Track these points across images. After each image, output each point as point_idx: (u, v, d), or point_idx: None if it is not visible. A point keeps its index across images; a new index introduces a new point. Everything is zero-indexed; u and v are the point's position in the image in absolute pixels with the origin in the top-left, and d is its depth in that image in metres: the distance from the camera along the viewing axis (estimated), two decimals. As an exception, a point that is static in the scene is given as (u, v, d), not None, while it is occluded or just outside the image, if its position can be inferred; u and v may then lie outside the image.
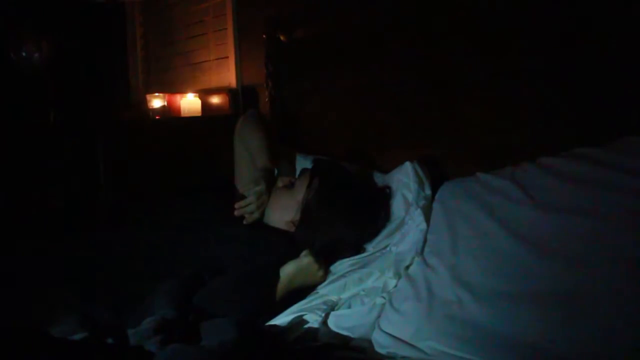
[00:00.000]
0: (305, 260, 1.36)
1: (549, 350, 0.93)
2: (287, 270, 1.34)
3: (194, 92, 2.52)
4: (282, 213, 1.50)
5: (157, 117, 2.50)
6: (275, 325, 1.22)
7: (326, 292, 1.31)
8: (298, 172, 1.65)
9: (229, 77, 2.48)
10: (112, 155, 2.00)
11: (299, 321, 1.23)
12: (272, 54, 2.13)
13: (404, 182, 1.50)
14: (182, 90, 2.66)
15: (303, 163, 1.74)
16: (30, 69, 2.51)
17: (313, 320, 1.23)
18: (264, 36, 2.13)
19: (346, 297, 1.29)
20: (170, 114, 2.55)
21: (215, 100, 2.52)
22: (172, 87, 2.82)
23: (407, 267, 1.26)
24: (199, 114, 2.47)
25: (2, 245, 1.43)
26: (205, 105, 2.52)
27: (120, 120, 2.67)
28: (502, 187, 1.24)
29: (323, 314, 1.23)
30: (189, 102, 2.48)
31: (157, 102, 2.53)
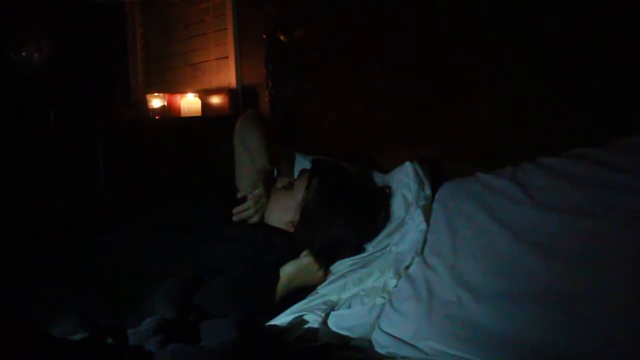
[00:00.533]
0: (305, 260, 1.36)
1: (549, 350, 0.93)
2: (287, 270, 1.34)
3: (194, 92, 2.52)
4: (282, 214, 1.50)
5: (157, 117, 2.50)
6: (275, 325, 1.22)
7: (326, 292, 1.31)
8: (297, 172, 1.65)
9: (229, 77, 2.48)
10: (112, 155, 2.00)
11: (299, 321, 1.23)
12: (272, 54, 2.13)
13: (404, 182, 1.50)
14: (182, 90, 2.66)
15: (303, 163, 1.73)
16: (30, 69, 2.52)
17: (313, 320, 1.23)
18: (264, 36, 2.13)
19: (346, 297, 1.29)
20: (170, 114, 2.55)
21: (215, 100, 2.52)
22: (172, 87, 2.82)
23: (407, 267, 1.26)
24: (199, 114, 2.47)
25: (2, 246, 1.43)
26: (205, 106, 2.52)
27: (120, 120, 2.68)
28: (502, 187, 1.24)
29: (323, 314, 1.23)
30: (189, 102, 2.48)
31: (157, 102, 2.53)
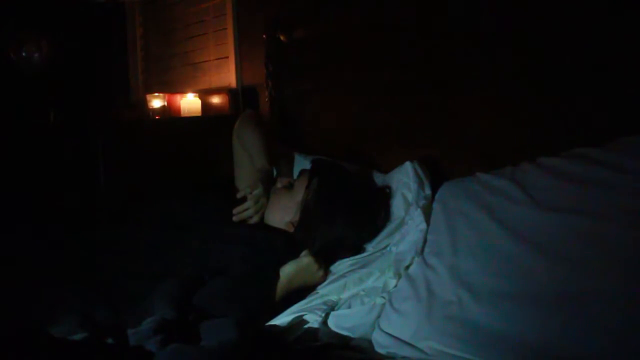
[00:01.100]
0: (305, 260, 1.36)
1: (549, 350, 0.93)
2: (287, 270, 1.34)
3: (194, 92, 2.52)
4: (282, 214, 1.50)
5: (157, 117, 2.50)
6: (275, 325, 1.22)
7: (326, 292, 1.31)
8: (297, 172, 1.65)
9: (229, 77, 2.48)
10: (112, 155, 2.00)
11: (299, 321, 1.23)
12: (272, 54, 2.13)
13: (404, 182, 1.50)
14: (182, 90, 2.66)
15: (303, 163, 1.73)
16: (30, 69, 2.52)
17: (313, 320, 1.23)
18: (264, 36, 2.13)
19: (346, 297, 1.29)
20: (170, 114, 2.55)
21: (215, 100, 2.52)
22: (172, 87, 2.82)
23: (407, 267, 1.26)
24: (199, 114, 2.47)
25: (2, 246, 1.43)
26: (205, 106, 2.52)
27: (120, 120, 2.68)
28: (502, 187, 1.24)
29: (323, 314, 1.23)
30: (189, 102, 2.48)
31: (157, 102, 2.53)
